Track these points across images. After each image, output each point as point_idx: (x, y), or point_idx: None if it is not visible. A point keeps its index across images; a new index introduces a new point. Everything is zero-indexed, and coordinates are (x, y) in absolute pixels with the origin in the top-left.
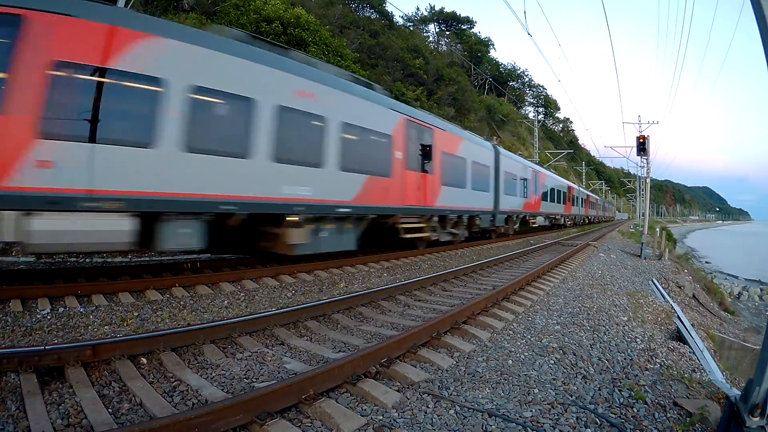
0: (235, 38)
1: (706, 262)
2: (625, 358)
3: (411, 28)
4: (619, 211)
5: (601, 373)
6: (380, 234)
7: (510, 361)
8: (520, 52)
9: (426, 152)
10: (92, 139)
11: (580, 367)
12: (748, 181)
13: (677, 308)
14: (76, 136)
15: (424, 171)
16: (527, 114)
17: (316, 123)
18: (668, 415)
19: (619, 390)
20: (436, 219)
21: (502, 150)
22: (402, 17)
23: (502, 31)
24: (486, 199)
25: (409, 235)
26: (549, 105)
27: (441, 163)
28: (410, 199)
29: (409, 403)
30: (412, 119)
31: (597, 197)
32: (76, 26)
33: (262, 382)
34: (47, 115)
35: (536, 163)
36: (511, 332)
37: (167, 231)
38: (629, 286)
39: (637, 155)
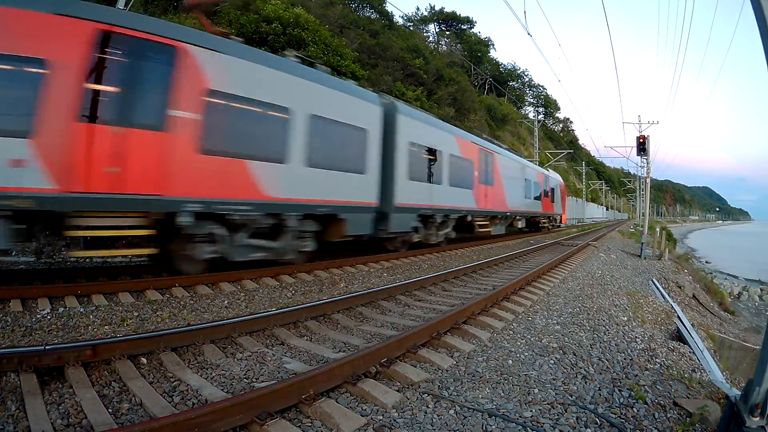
0: None
1: (706, 262)
2: (625, 358)
3: (411, 28)
4: (619, 211)
5: (601, 373)
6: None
7: (510, 361)
8: (520, 52)
9: (150, 90)
10: None
11: (580, 367)
12: (748, 181)
13: (677, 308)
14: None
15: (136, 125)
16: (527, 114)
17: None
18: (668, 415)
19: (619, 390)
20: (189, 218)
21: (404, 107)
22: (402, 17)
23: (502, 31)
24: (359, 185)
25: (90, 252)
26: (549, 105)
27: (203, 114)
28: (90, 180)
29: (409, 403)
30: (105, 27)
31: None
32: None
33: (262, 382)
34: None
35: (536, 163)
36: (511, 332)
37: None
38: (629, 286)
39: (637, 155)
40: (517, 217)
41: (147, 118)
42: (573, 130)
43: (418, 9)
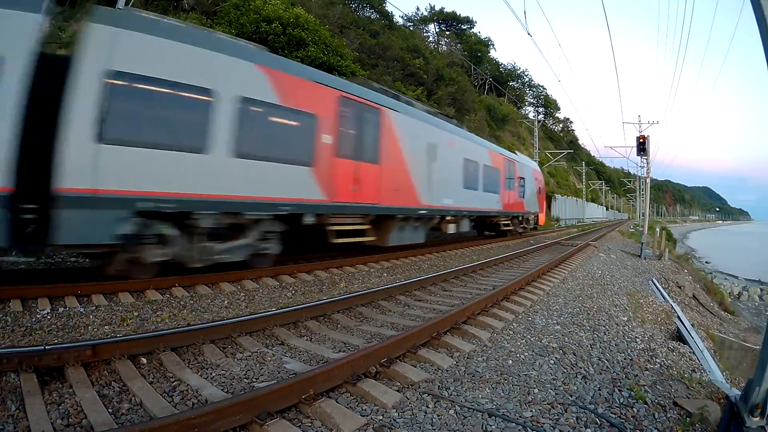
0: None
1: (706, 262)
2: (625, 358)
3: (411, 28)
4: (619, 211)
5: (601, 373)
6: None
7: (510, 361)
8: (520, 52)
9: None
10: None
11: (580, 367)
12: (748, 181)
13: (677, 308)
14: None
15: None
16: (527, 114)
17: None
18: (668, 415)
19: (619, 390)
20: None
21: (110, 12)
22: (402, 17)
23: (502, 31)
24: None
25: None
26: (549, 105)
27: None
28: None
29: (409, 403)
30: None
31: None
32: None
33: (262, 382)
34: None
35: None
36: (511, 332)
37: None
38: (629, 286)
39: (637, 155)
40: (448, 218)
41: None
42: (573, 130)
43: (418, 9)
